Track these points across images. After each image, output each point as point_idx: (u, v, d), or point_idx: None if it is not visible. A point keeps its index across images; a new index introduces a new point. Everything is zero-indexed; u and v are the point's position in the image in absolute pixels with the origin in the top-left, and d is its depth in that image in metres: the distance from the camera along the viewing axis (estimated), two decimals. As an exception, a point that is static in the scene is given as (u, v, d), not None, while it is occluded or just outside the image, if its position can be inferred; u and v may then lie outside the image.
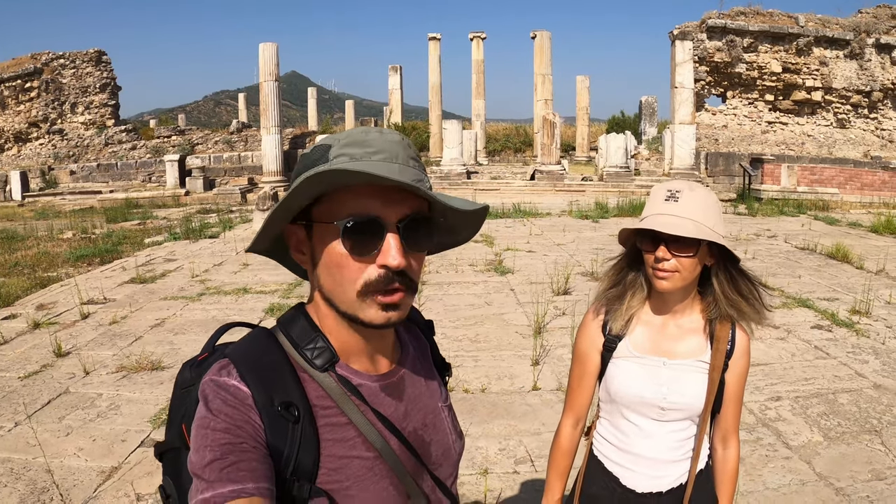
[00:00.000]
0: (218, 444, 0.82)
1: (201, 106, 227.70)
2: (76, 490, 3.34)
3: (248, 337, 0.96)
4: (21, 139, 24.76)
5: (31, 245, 11.64)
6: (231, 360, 0.90)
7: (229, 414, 0.84)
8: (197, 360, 1.00)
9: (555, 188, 18.17)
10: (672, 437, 1.62)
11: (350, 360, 0.96)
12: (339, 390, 0.91)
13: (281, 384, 0.88)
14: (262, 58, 20.00)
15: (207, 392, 0.87)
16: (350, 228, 0.86)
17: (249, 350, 0.92)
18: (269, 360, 0.91)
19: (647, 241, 1.52)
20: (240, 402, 0.85)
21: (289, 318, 0.97)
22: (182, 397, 0.98)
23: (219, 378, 0.87)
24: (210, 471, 0.80)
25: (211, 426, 0.83)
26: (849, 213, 14.88)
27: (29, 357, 5.46)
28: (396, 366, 1.02)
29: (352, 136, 0.90)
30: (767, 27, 21.54)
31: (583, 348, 1.71)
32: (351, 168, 0.83)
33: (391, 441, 0.94)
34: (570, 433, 1.76)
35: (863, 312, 6.36)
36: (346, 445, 0.90)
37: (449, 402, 1.13)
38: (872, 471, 3.47)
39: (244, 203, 18.54)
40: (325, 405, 0.90)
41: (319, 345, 0.93)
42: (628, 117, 29.50)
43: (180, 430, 0.95)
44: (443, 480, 1.03)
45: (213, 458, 0.81)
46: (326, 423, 0.90)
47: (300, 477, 0.86)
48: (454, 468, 1.08)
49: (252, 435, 0.83)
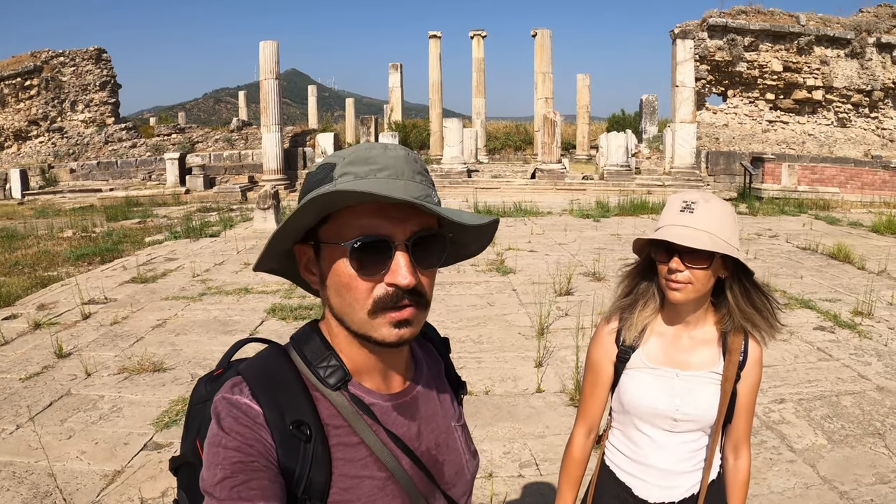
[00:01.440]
0: (229, 462, 0.82)
1: (201, 104, 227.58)
2: (79, 494, 3.33)
3: (262, 354, 0.96)
4: (21, 137, 24.72)
5: (31, 244, 11.62)
6: (244, 377, 0.90)
7: (241, 432, 0.84)
8: (212, 376, 1.00)
9: (555, 187, 18.16)
10: (684, 447, 1.62)
11: (363, 378, 0.95)
12: (352, 409, 0.91)
13: (293, 402, 0.88)
14: (263, 56, 19.98)
15: (220, 410, 0.86)
16: (358, 249, 0.85)
17: (262, 367, 0.92)
18: (281, 378, 0.90)
19: (661, 251, 1.51)
20: (251, 421, 0.85)
21: (302, 336, 0.97)
22: (197, 412, 0.98)
23: (231, 396, 0.87)
24: (221, 489, 0.80)
25: (222, 444, 0.83)
26: (849, 213, 14.88)
27: (30, 358, 5.45)
28: (410, 384, 1.01)
29: (356, 153, 0.88)
30: (768, 26, 21.51)
31: (596, 358, 1.70)
32: (353, 189, 0.81)
33: (403, 461, 0.93)
34: (583, 442, 1.76)
35: (865, 313, 6.36)
36: (358, 465, 0.90)
37: (463, 421, 1.11)
38: (876, 474, 3.46)
39: (244, 201, 18.52)
40: (336, 424, 0.90)
41: (332, 363, 0.92)
42: (629, 116, 29.47)
43: (194, 446, 0.94)
44: (456, 500, 1.02)
45: (223, 476, 0.81)
46: (338, 443, 0.89)
47: (312, 496, 0.86)
48: (468, 487, 1.07)
49: (263, 454, 0.83)
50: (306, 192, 0.89)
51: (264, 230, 12.38)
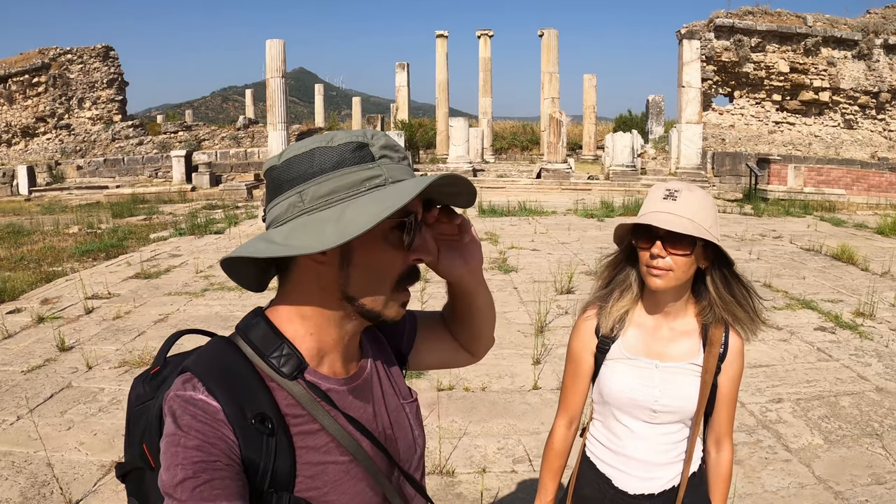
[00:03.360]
0: (190, 461, 0.79)
1: (209, 102, 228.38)
2: (76, 484, 3.37)
3: (208, 347, 0.92)
4: (28, 134, 24.89)
5: (37, 239, 11.70)
6: (194, 373, 0.86)
7: (200, 430, 0.81)
8: (149, 374, 0.97)
9: (561, 186, 18.16)
10: (664, 439, 1.62)
11: (321, 363, 0.94)
12: (309, 397, 0.90)
13: (250, 395, 0.86)
14: (269, 54, 20.04)
15: (175, 408, 0.83)
16: (399, 227, 0.89)
17: (212, 361, 0.88)
18: (234, 370, 0.88)
19: (642, 237, 1.53)
20: (210, 418, 0.82)
21: (248, 325, 0.94)
22: (139, 414, 0.94)
23: (184, 393, 0.84)
24: (182, 490, 0.78)
25: (182, 444, 0.80)
26: (855, 215, 14.81)
27: (32, 351, 5.49)
28: (360, 366, 1.02)
29: (383, 138, 0.91)
30: (775, 27, 21.44)
31: (576, 349, 1.71)
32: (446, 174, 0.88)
33: (363, 443, 0.94)
34: (564, 434, 1.76)
35: (867, 315, 6.34)
36: (321, 452, 0.89)
37: (414, 398, 1.11)
38: (872, 475, 3.45)
39: (250, 199, 18.58)
40: (295, 413, 0.89)
41: (285, 352, 0.90)
42: (635, 116, 29.46)
43: (141, 450, 0.91)
44: (412, 474, 1.04)
45: (185, 476, 0.78)
46: (299, 432, 0.88)
47: (277, 488, 0.85)
48: (419, 462, 1.08)
49: (225, 452, 0.81)
50: (336, 167, 0.86)
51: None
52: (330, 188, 0.85)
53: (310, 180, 0.86)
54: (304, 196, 0.86)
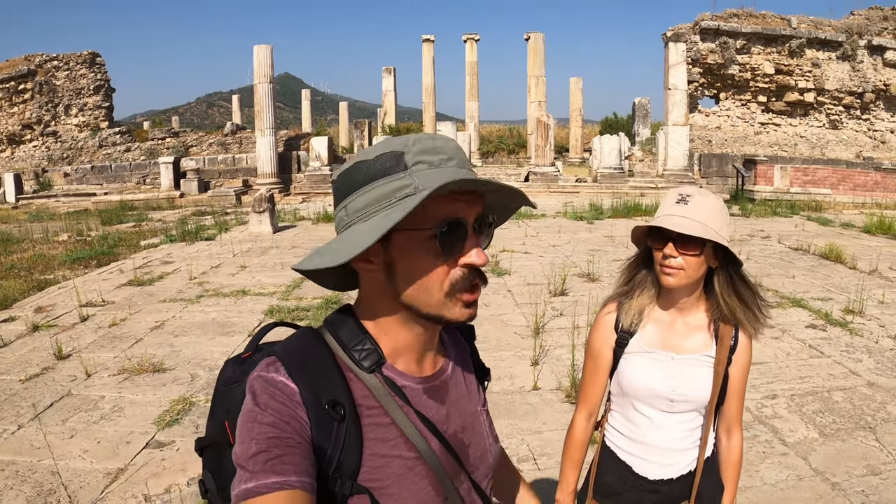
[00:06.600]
0: (264, 437, 0.84)
1: (194, 108, 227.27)
2: (83, 492, 3.37)
3: (295, 336, 0.98)
4: (15, 141, 24.66)
5: (26, 248, 11.62)
6: (278, 357, 0.91)
7: (277, 409, 0.86)
8: (241, 358, 1.03)
9: (549, 189, 18.25)
10: (681, 427, 1.72)
11: (397, 361, 0.98)
12: (384, 391, 0.93)
13: (328, 383, 0.90)
14: (257, 60, 20.02)
15: (256, 387, 0.88)
16: (444, 233, 0.89)
17: (297, 348, 0.94)
18: (316, 358, 0.93)
19: (657, 239, 1.63)
20: (287, 398, 0.87)
21: (336, 320, 0.99)
22: (225, 394, 1.00)
23: (266, 374, 0.89)
24: (254, 462, 0.82)
25: (258, 420, 0.85)
26: (841, 214, 15.01)
27: (29, 360, 5.47)
28: (440, 368, 1.05)
29: (422, 143, 0.90)
30: (760, 29, 21.69)
31: (596, 345, 1.80)
32: (466, 177, 0.86)
33: (432, 442, 0.96)
34: (584, 426, 1.85)
35: (856, 312, 6.45)
36: (389, 445, 0.93)
37: (486, 407, 1.15)
38: (867, 466, 3.54)
39: (239, 205, 18.52)
40: (369, 405, 0.93)
41: (367, 346, 0.95)
42: (622, 119, 29.64)
43: (223, 427, 0.97)
44: (478, 482, 1.06)
45: (258, 450, 0.83)
46: (370, 423, 0.92)
47: (342, 474, 0.89)
48: (489, 470, 1.10)
49: (298, 431, 0.86)
50: (371, 179, 0.89)
51: (259, 233, 12.41)
52: (365, 201, 0.89)
53: (352, 194, 0.91)
54: (348, 210, 0.92)
